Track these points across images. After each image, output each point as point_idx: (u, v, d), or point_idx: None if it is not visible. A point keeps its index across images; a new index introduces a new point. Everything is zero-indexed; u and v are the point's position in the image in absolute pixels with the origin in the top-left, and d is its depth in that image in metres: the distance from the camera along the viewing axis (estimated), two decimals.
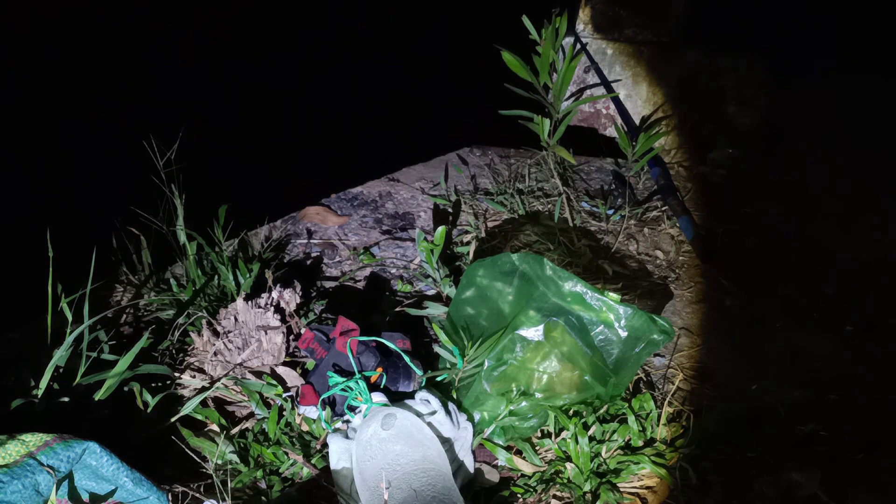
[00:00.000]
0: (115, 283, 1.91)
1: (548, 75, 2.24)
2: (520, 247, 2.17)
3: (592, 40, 2.86)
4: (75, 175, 2.71)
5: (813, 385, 1.66)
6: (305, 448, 1.39)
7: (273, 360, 1.58)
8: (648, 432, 1.44)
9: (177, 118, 1.91)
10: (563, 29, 2.22)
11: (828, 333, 1.84)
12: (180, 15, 4.00)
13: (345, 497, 1.27)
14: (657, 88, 2.84)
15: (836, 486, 1.36)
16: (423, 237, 1.87)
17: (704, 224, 2.35)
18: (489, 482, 1.38)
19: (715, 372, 1.70)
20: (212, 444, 1.39)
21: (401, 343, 1.48)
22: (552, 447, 1.43)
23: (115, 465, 1.13)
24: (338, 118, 3.48)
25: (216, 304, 1.77)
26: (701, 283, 2.06)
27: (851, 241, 2.26)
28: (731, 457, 1.43)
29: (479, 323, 1.51)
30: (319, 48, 4.16)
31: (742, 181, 2.66)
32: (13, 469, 1.03)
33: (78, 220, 2.00)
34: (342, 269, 2.09)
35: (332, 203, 2.45)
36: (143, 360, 1.52)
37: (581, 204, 2.44)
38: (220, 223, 1.88)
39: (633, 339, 1.42)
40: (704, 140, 2.86)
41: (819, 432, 1.51)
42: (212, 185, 1.92)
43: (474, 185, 2.58)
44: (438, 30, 4.12)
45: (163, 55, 3.72)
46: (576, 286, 1.42)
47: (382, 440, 1.22)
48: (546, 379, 1.43)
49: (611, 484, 1.34)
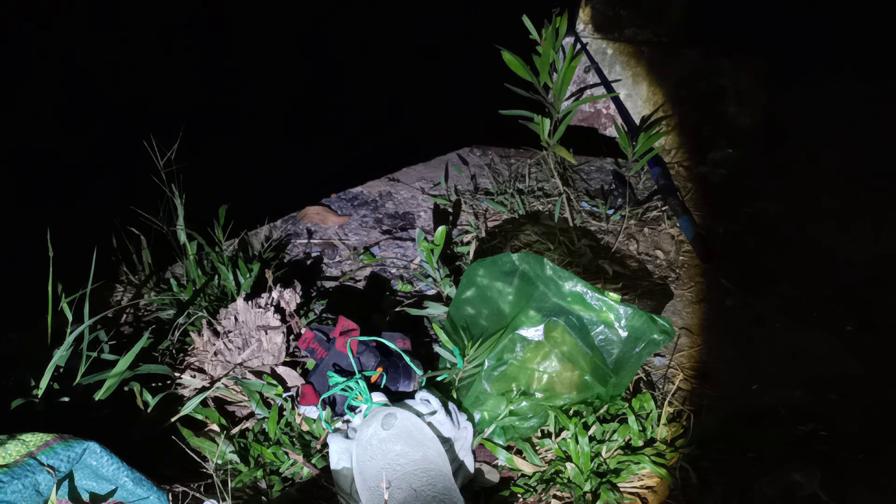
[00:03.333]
0: (115, 283, 1.91)
1: (548, 75, 2.24)
2: (520, 247, 2.17)
3: (592, 40, 2.86)
4: (75, 175, 2.71)
5: (813, 385, 1.66)
6: (305, 448, 1.39)
7: (273, 360, 1.58)
8: (648, 432, 1.44)
9: (177, 118, 1.91)
10: (563, 29, 2.22)
11: (828, 333, 1.84)
12: (180, 14, 4.00)
13: (345, 497, 1.27)
14: (657, 88, 2.84)
15: (836, 486, 1.36)
16: (424, 237, 1.87)
17: (704, 224, 2.35)
18: (489, 482, 1.38)
19: (715, 372, 1.70)
20: (212, 444, 1.39)
21: (401, 343, 1.48)
22: (552, 447, 1.43)
23: (116, 464, 1.13)
24: (338, 118, 3.48)
25: (216, 304, 1.77)
26: (701, 283, 2.06)
27: (851, 241, 2.26)
28: (731, 457, 1.43)
29: (480, 323, 1.51)
30: (320, 48, 4.16)
31: (742, 181, 2.66)
32: (13, 469, 1.03)
33: (78, 220, 1.99)
34: (342, 269, 2.09)
35: (332, 203, 2.45)
36: (143, 360, 1.52)
37: (581, 204, 2.44)
38: (220, 223, 1.88)
39: (633, 339, 1.42)
40: (704, 140, 2.86)
41: (819, 432, 1.51)
42: (212, 185, 1.92)
43: (474, 185, 2.58)
44: (438, 30, 4.12)
45: (163, 54, 3.72)
46: (576, 286, 1.42)
47: (382, 440, 1.22)
48: (546, 379, 1.43)
49: (611, 484, 1.34)
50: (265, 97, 3.52)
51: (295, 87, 3.67)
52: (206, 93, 3.42)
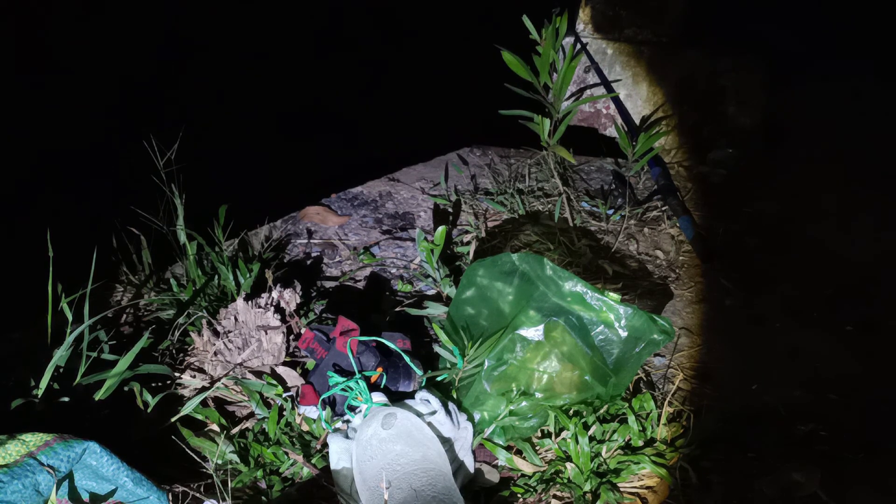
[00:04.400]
0: (115, 283, 1.91)
1: (548, 75, 2.24)
2: (520, 247, 2.17)
3: (592, 40, 2.86)
4: (75, 175, 2.71)
5: (813, 385, 1.66)
6: (305, 448, 1.39)
7: (273, 359, 1.58)
8: (648, 432, 1.44)
9: (177, 118, 1.91)
10: (563, 29, 2.22)
11: (828, 333, 1.84)
12: (180, 14, 4.00)
13: (345, 497, 1.27)
14: (657, 88, 2.84)
15: (836, 486, 1.36)
16: (424, 237, 1.87)
17: (704, 224, 2.35)
18: (489, 482, 1.38)
19: (715, 372, 1.70)
20: (212, 443, 1.39)
21: (401, 343, 1.48)
22: (552, 447, 1.43)
23: (116, 464, 1.13)
24: (338, 118, 3.48)
25: (216, 304, 1.77)
26: (701, 283, 2.06)
27: (851, 241, 2.26)
28: (731, 457, 1.43)
29: (479, 323, 1.51)
30: (320, 48, 4.16)
31: (742, 181, 2.66)
32: (13, 469, 1.03)
33: (78, 220, 1.99)
34: (342, 269, 2.09)
35: (332, 203, 2.45)
36: (143, 360, 1.52)
37: (581, 204, 2.44)
38: (220, 223, 1.88)
39: (633, 339, 1.42)
40: (704, 140, 2.85)
41: (819, 432, 1.51)
42: (212, 185, 1.92)
43: (474, 185, 2.58)
44: (439, 30, 4.12)
45: (163, 54, 3.72)
46: (576, 286, 1.42)
47: (382, 440, 1.23)
48: (546, 379, 1.43)
49: (611, 484, 1.34)
50: (265, 97, 3.52)
51: (295, 86, 3.67)
52: (207, 93, 3.42)
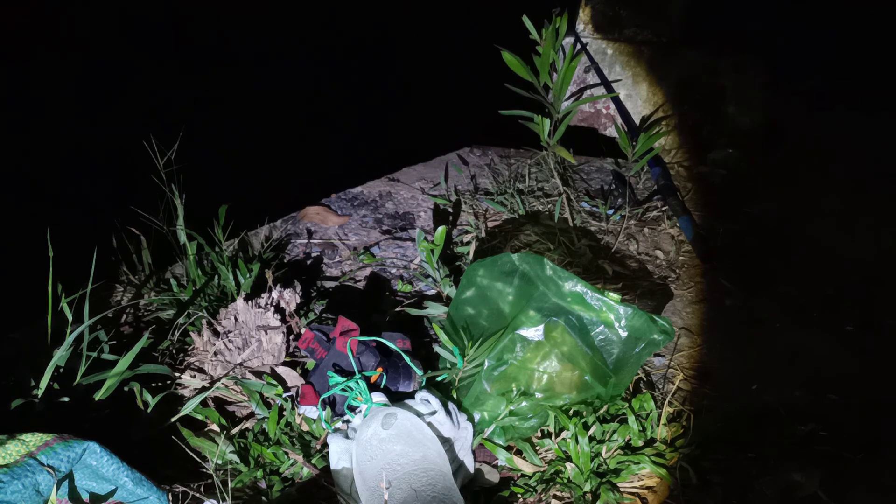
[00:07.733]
0: (115, 283, 1.91)
1: (548, 75, 2.24)
2: (520, 247, 2.17)
3: (592, 40, 2.86)
4: (75, 175, 2.71)
5: (813, 385, 1.66)
6: (305, 448, 1.39)
7: (273, 360, 1.58)
8: (648, 432, 1.44)
9: (177, 118, 1.91)
10: (563, 29, 2.22)
11: (828, 333, 1.84)
12: (180, 14, 4.00)
13: (345, 497, 1.27)
14: (657, 88, 2.84)
15: (836, 486, 1.36)
16: (424, 237, 1.87)
17: (704, 224, 2.35)
18: (489, 482, 1.38)
19: (715, 372, 1.70)
20: (212, 444, 1.39)
21: (401, 343, 1.48)
22: (552, 447, 1.43)
23: (116, 465, 1.13)
24: (338, 118, 3.48)
25: (216, 304, 1.77)
26: (701, 283, 2.06)
27: (851, 241, 2.26)
28: (731, 457, 1.43)
29: (480, 323, 1.51)
30: (320, 48, 4.16)
31: (742, 181, 2.66)
32: (13, 469, 1.03)
33: (78, 220, 1.99)
34: (342, 269, 2.09)
35: (332, 203, 2.45)
36: (143, 360, 1.52)
37: (581, 204, 2.44)
38: (220, 223, 1.88)
39: (633, 339, 1.42)
40: (704, 140, 2.86)
41: (819, 432, 1.51)
42: (212, 185, 1.92)
43: (474, 185, 2.58)
44: (439, 30, 4.12)
45: (163, 54, 3.72)
46: (576, 286, 1.42)
47: (382, 440, 1.23)
48: (546, 379, 1.43)
49: (611, 484, 1.34)
50: (265, 97, 3.52)
51: (295, 87, 3.67)
52: (207, 93, 3.42)
